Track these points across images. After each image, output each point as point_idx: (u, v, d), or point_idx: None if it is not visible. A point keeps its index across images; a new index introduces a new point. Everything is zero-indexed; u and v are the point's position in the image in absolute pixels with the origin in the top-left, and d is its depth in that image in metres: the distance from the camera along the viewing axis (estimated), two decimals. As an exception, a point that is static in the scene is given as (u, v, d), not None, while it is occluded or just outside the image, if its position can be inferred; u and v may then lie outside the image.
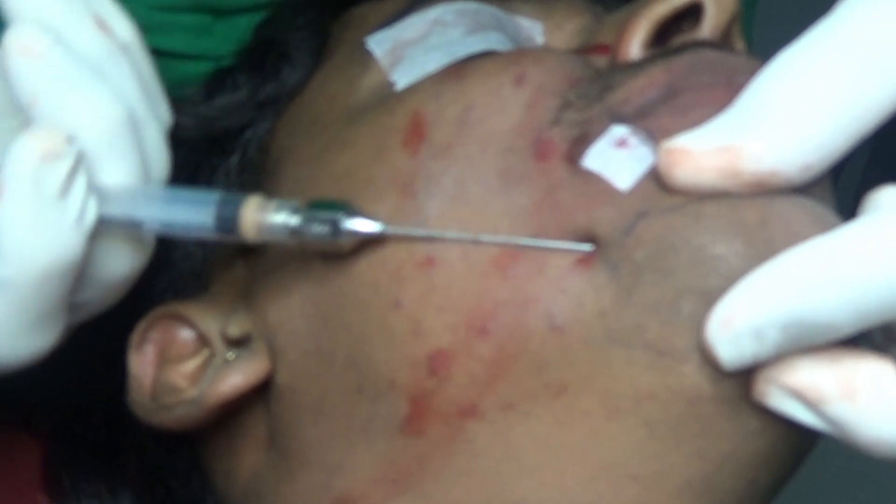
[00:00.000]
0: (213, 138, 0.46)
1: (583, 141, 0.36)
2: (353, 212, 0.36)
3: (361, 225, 0.35)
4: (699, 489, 0.35)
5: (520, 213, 0.36)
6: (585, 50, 0.42)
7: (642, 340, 0.34)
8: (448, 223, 0.36)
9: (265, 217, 0.36)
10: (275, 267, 0.41)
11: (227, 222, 0.36)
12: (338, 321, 0.38)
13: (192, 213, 0.36)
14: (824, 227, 0.33)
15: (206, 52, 0.50)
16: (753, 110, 0.33)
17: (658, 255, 0.34)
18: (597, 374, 0.34)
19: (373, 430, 0.38)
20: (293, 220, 0.36)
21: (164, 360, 0.42)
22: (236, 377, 0.40)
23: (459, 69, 0.39)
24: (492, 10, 0.43)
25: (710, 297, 0.33)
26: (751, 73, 0.36)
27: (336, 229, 0.36)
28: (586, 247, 0.35)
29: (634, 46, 0.40)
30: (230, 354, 0.41)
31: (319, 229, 0.36)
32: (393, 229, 0.36)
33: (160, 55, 0.40)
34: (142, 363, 0.42)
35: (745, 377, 0.33)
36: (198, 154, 0.46)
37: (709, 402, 0.34)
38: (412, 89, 0.40)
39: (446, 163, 0.37)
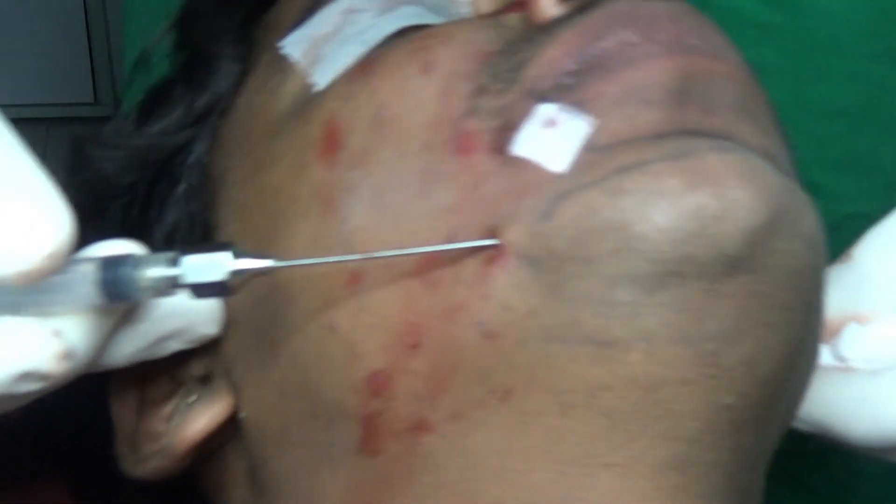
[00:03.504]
0: (157, 167, 0.44)
1: (508, 128, 0.34)
2: (238, 252, 0.32)
3: (248, 264, 0.32)
4: (678, 466, 0.34)
5: (442, 214, 0.34)
6: (503, 8, 0.39)
7: (581, 335, 0.32)
8: (371, 234, 0.35)
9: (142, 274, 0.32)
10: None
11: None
12: (283, 350, 0.37)
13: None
14: (759, 187, 0.32)
15: None
16: None
17: (580, 241, 0.32)
18: (541, 374, 0.33)
19: (334, 456, 0.37)
20: (172, 271, 0.32)
21: (145, 403, 0.41)
22: (200, 420, 0.39)
23: (367, 65, 0.37)
24: None
25: (642, 284, 0.31)
26: (672, 19, 0.35)
27: (222, 273, 0.32)
28: (490, 242, 0.33)
29: (546, 1, 0.37)
30: (192, 397, 0.40)
31: (204, 276, 0.32)
32: (280, 263, 0.33)
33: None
34: (122, 410, 0.41)
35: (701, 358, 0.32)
36: (146, 186, 0.45)
37: (665, 387, 0.32)
38: (325, 94, 0.38)
39: (364, 171, 0.36)
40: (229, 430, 0.40)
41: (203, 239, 0.42)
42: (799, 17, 0.61)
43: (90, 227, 0.33)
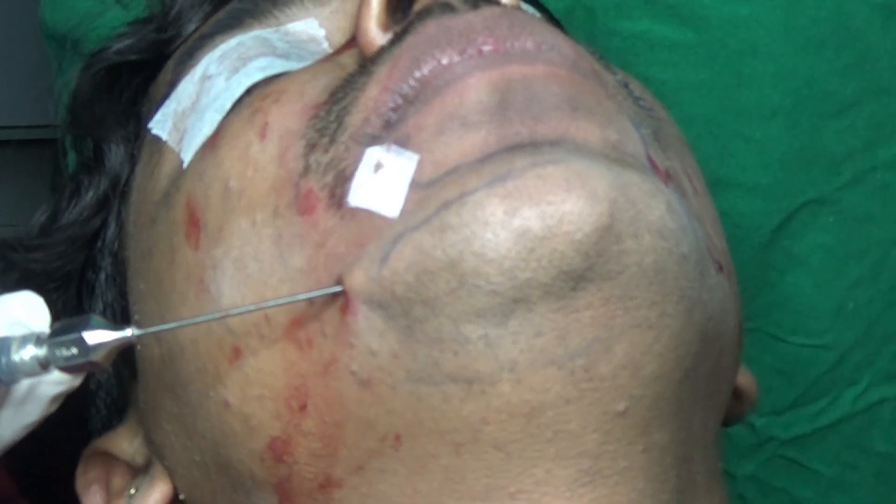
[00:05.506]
0: (80, 256, 0.46)
1: (342, 180, 0.34)
2: (95, 325, 0.33)
3: (104, 337, 0.33)
4: (589, 482, 0.33)
5: (297, 276, 0.34)
6: (340, 48, 0.39)
7: (445, 375, 0.32)
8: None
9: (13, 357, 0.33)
10: (144, 387, 0.41)
11: None
12: (194, 430, 0.38)
13: None
14: (585, 194, 0.31)
15: None
16: None
17: (417, 284, 0.32)
18: (420, 416, 0.33)
19: None
20: (39, 352, 0.33)
21: (112, 494, 0.42)
22: None
23: (213, 137, 0.37)
24: (255, 35, 0.41)
25: (489, 317, 0.31)
26: (488, 27, 0.34)
27: (83, 348, 0.33)
28: (333, 289, 0.33)
29: (372, 30, 0.36)
30: (132, 489, 0.41)
31: (67, 353, 0.33)
32: (139, 331, 0.34)
33: None
34: None
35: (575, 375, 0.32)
36: (77, 276, 0.46)
37: (547, 410, 0.32)
38: (184, 173, 0.38)
39: (224, 247, 0.36)
40: None
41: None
42: (709, 30, 0.62)
43: None
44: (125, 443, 0.43)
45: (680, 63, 0.61)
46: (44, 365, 0.33)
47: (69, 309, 0.46)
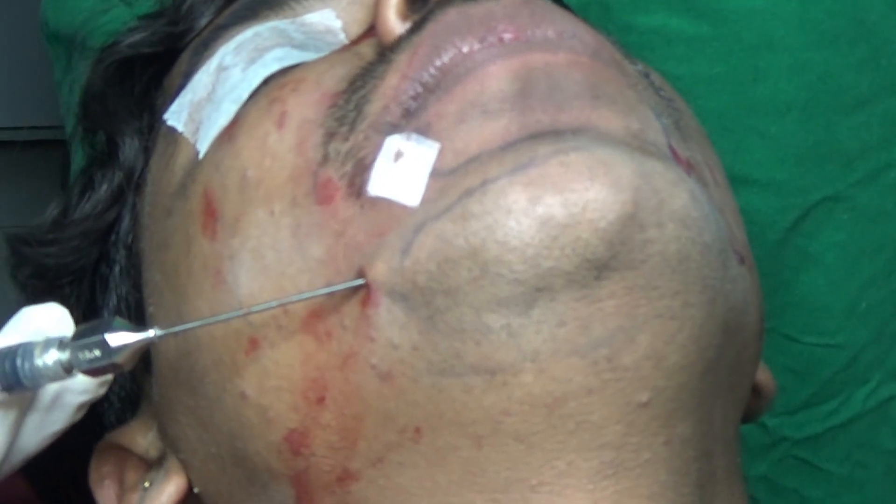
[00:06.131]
0: (93, 250, 0.45)
1: (361, 169, 0.34)
2: (117, 326, 0.33)
3: (127, 338, 0.33)
4: (612, 474, 0.33)
5: (316, 267, 0.34)
6: (358, 38, 0.39)
7: (467, 365, 0.32)
8: (258, 299, 0.35)
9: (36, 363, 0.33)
10: (159, 380, 0.40)
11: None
12: (211, 422, 0.37)
13: None
14: (609, 182, 0.31)
15: None
16: None
17: (440, 273, 0.31)
18: (441, 408, 0.32)
19: None
20: (62, 356, 0.33)
21: (126, 489, 0.42)
22: (158, 501, 0.40)
23: (230, 127, 0.37)
24: (271, 26, 0.41)
25: (511, 305, 0.31)
26: (508, 16, 0.34)
27: (106, 350, 0.32)
28: (355, 283, 0.33)
29: (391, 19, 0.36)
30: (146, 482, 0.41)
31: (90, 355, 0.33)
32: (161, 332, 0.33)
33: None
34: (106, 500, 0.42)
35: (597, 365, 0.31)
36: (90, 269, 0.46)
37: (569, 401, 0.32)
38: (201, 164, 0.38)
39: (242, 237, 0.35)
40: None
41: (138, 321, 0.42)
42: (725, 24, 0.61)
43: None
44: (139, 436, 0.43)
45: (695, 57, 0.61)
46: (67, 369, 0.33)
47: (83, 303, 0.46)
